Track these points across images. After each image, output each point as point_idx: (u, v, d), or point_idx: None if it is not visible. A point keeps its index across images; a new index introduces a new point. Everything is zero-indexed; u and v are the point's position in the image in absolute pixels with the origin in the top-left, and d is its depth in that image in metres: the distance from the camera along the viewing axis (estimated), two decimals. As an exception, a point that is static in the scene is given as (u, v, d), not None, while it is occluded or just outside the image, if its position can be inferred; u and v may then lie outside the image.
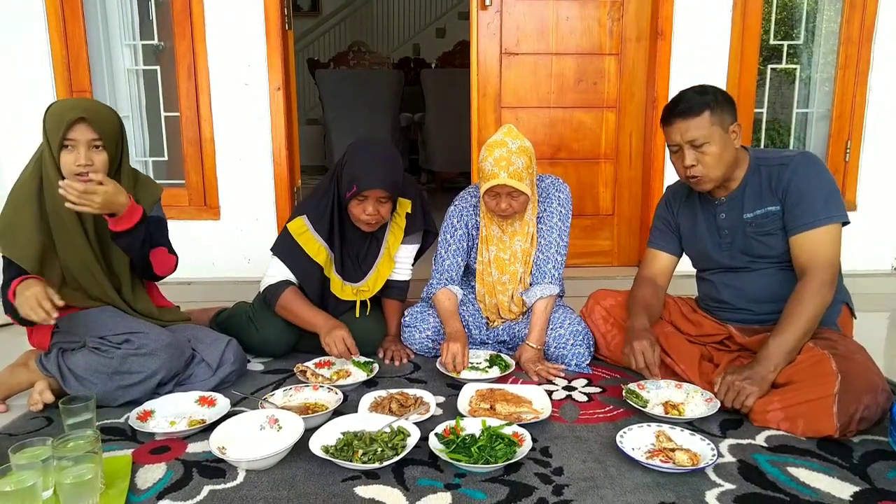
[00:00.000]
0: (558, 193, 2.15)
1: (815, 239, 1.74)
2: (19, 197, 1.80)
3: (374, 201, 2.03)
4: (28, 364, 1.88)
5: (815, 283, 1.71)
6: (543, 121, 3.14)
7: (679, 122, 1.79)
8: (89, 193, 1.67)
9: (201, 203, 3.12)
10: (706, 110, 1.76)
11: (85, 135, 1.75)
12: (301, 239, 2.11)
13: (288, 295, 2.09)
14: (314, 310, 2.08)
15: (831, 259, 1.74)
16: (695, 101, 1.77)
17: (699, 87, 1.82)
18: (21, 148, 3.00)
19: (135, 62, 3.22)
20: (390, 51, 8.61)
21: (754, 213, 1.84)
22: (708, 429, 1.65)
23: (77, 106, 1.78)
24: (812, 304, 1.70)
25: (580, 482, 1.41)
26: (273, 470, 1.47)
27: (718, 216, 1.92)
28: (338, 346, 1.98)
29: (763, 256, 1.86)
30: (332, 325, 2.02)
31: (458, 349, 1.99)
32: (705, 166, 1.79)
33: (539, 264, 2.15)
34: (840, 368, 1.57)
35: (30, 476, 1.22)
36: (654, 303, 2.01)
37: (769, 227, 1.82)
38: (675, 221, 2.06)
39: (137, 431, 1.64)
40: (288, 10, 3.06)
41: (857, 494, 1.36)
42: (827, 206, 1.74)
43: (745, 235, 1.86)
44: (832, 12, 3.17)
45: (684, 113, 1.78)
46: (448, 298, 2.18)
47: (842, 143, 3.17)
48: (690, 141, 1.78)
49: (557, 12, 3.05)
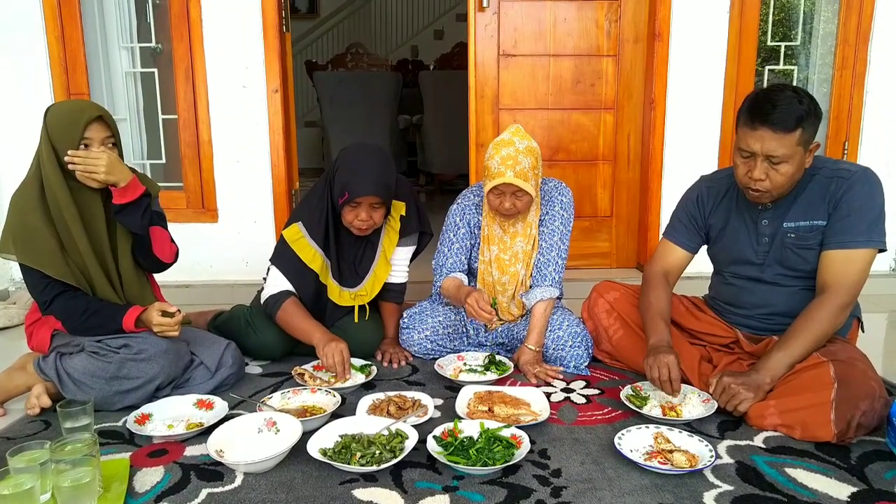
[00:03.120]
0: (561, 197, 2.15)
1: (847, 259, 1.67)
2: (23, 203, 1.79)
3: (367, 207, 2.03)
4: (26, 367, 1.88)
5: (834, 305, 1.67)
6: (541, 122, 3.14)
7: (766, 131, 1.61)
8: (93, 157, 1.74)
9: (199, 206, 3.11)
10: (799, 128, 1.60)
11: (100, 133, 1.78)
12: (296, 246, 2.11)
13: (288, 307, 2.07)
14: (313, 323, 2.06)
15: (857, 283, 1.68)
16: (791, 114, 1.59)
17: (793, 92, 1.62)
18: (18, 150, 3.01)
19: (132, 65, 3.22)
20: (388, 53, 8.62)
21: (797, 224, 1.74)
22: (706, 430, 1.65)
23: (89, 105, 1.82)
24: (826, 324, 1.66)
25: (578, 484, 1.41)
26: (271, 473, 1.46)
27: (761, 222, 1.81)
28: (335, 356, 1.94)
29: (795, 270, 1.78)
30: (330, 338, 2.01)
31: (482, 296, 1.99)
32: (773, 183, 1.66)
33: (539, 267, 2.15)
34: (838, 375, 1.56)
35: (28, 479, 1.22)
36: (668, 309, 1.91)
37: (811, 241, 1.73)
38: (704, 220, 1.94)
39: (135, 435, 1.64)
40: (285, 12, 3.06)
41: (854, 495, 1.36)
42: (870, 230, 1.67)
43: (784, 246, 1.77)
44: (829, 14, 3.18)
45: (777, 125, 1.59)
46: (453, 279, 2.18)
47: (839, 144, 3.17)
48: (769, 155, 1.62)
49: (555, 14, 3.06)
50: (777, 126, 1.60)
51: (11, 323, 2.70)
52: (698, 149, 3.08)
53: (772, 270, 1.82)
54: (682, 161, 3.08)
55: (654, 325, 1.85)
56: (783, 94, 1.62)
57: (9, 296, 3.01)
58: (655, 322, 1.85)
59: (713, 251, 1.98)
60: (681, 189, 2.06)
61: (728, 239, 1.90)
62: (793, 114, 1.59)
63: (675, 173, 3.08)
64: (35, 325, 1.91)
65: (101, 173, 1.75)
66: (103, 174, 1.75)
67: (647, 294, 1.94)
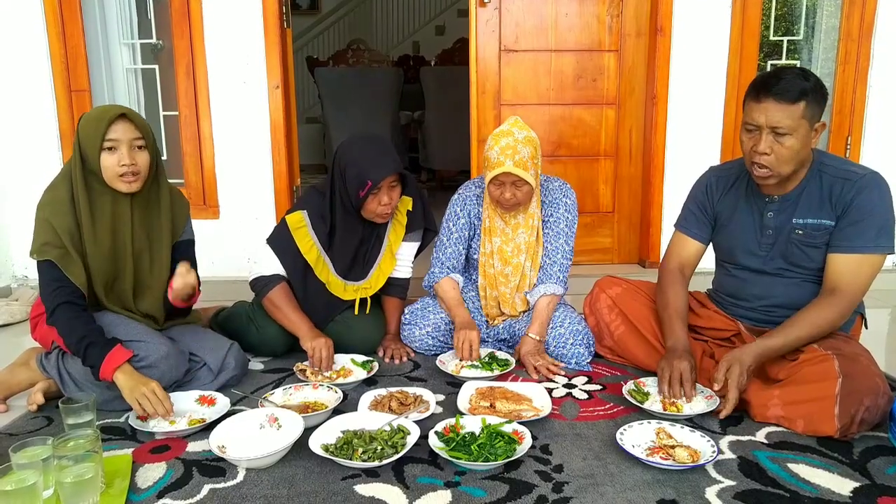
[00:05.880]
0: (566, 199, 2.17)
1: (858, 264, 1.68)
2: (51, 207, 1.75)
3: (387, 189, 2.04)
4: (29, 363, 1.88)
5: (840, 307, 1.68)
6: (543, 118, 3.13)
7: (770, 102, 1.62)
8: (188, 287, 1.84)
9: (201, 202, 3.11)
10: (803, 100, 1.61)
11: (127, 133, 1.72)
12: (297, 233, 2.11)
13: (278, 292, 2.08)
14: (300, 315, 2.07)
15: (863, 287, 1.70)
16: (795, 86, 1.60)
17: (800, 70, 1.65)
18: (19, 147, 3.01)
19: (133, 61, 3.22)
20: (389, 48, 8.60)
21: (805, 221, 1.74)
22: (708, 425, 1.65)
23: (115, 106, 1.77)
24: (827, 323, 1.67)
25: (580, 479, 1.41)
26: (273, 468, 1.47)
27: (766, 214, 1.81)
28: (321, 351, 1.97)
29: (799, 266, 1.78)
30: (316, 332, 2.03)
31: (475, 337, 2.00)
32: (779, 158, 1.65)
33: (545, 268, 2.16)
34: (843, 370, 1.56)
35: (30, 475, 1.22)
36: (685, 308, 1.90)
37: (818, 240, 1.73)
38: (712, 209, 1.94)
39: (137, 431, 1.64)
40: (286, 7, 3.05)
41: (857, 490, 1.36)
42: (879, 235, 1.67)
43: (789, 241, 1.77)
44: (832, 8, 3.16)
45: (780, 95, 1.60)
46: (452, 287, 2.18)
47: (842, 138, 3.16)
48: (774, 127, 1.62)
49: (556, 9, 3.04)
50: (781, 97, 1.61)
51: (14, 319, 2.70)
52: (700, 144, 3.07)
53: (774, 263, 1.82)
54: (685, 156, 3.07)
55: (671, 327, 1.84)
56: (788, 70, 1.65)
57: (11, 292, 3.01)
58: (673, 322, 1.85)
59: (717, 239, 1.97)
60: (683, 184, 2.06)
61: (733, 228, 1.89)
62: (797, 86, 1.61)
63: (677, 169, 3.07)
64: (41, 316, 1.90)
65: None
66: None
67: (665, 292, 1.93)
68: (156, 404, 1.63)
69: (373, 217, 2.09)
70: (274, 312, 2.10)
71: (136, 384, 1.64)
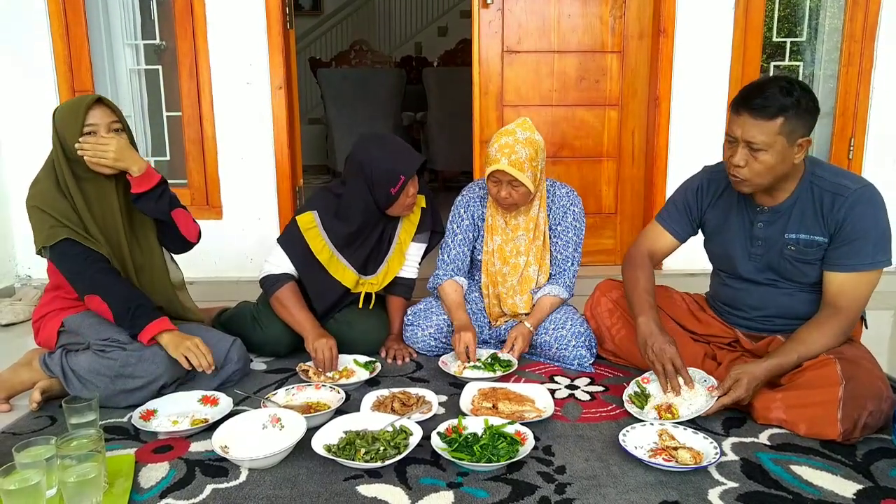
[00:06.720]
0: (573, 207, 2.19)
1: (858, 282, 1.66)
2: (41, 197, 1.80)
3: (412, 181, 2.09)
4: (31, 364, 1.89)
5: (843, 324, 1.67)
6: (545, 119, 3.13)
7: (747, 117, 1.60)
8: (102, 143, 1.76)
9: (203, 202, 3.12)
10: (780, 117, 1.57)
11: (104, 118, 1.79)
12: (308, 234, 2.12)
13: (286, 291, 2.10)
14: (306, 314, 2.08)
15: (864, 301, 1.69)
16: (774, 102, 1.57)
17: (787, 83, 1.60)
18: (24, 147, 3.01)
19: (137, 62, 3.22)
20: (392, 49, 8.61)
21: (798, 237, 1.72)
22: (711, 427, 1.65)
23: (88, 95, 1.84)
24: (831, 340, 1.66)
25: (583, 481, 1.41)
26: (275, 469, 1.47)
27: (756, 224, 1.79)
28: (325, 352, 1.97)
29: (791, 280, 1.77)
30: (321, 333, 2.03)
31: (470, 339, 2.02)
32: (752, 171, 1.64)
33: (554, 275, 2.20)
34: (845, 374, 1.55)
35: (34, 475, 1.22)
36: (653, 287, 1.90)
37: (811, 256, 1.72)
38: (699, 212, 1.92)
39: (140, 430, 1.65)
40: (289, 8, 3.06)
41: (860, 493, 1.36)
42: (875, 251, 1.65)
43: (781, 256, 1.75)
44: (835, 9, 3.16)
45: (756, 111, 1.59)
46: (454, 290, 2.20)
47: (845, 140, 3.15)
48: (748, 141, 1.61)
49: (559, 10, 3.04)
50: (757, 112, 1.59)
51: (17, 319, 2.71)
52: (703, 145, 3.07)
53: (765, 274, 1.81)
54: (687, 158, 3.06)
55: (640, 302, 1.83)
56: (772, 83, 1.61)
57: (14, 292, 3.02)
58: (642, 298, 1.84)
59: (709, 246, 1.96)
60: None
61: (724, 236, 1.88)
62: (776, 102, 1.58)
63: (679, 170, 3.07)
64: (42, 321, 1.91)
65: (109, 158, 1.77)
66: (112, 159, 1.77)
67: (635, 271, 1.92)
68: (200, 357, 1.75)
69: (401, 211, 2.15)
70: (280, 311, 2.11)
71: (180, 340, 1.77)
